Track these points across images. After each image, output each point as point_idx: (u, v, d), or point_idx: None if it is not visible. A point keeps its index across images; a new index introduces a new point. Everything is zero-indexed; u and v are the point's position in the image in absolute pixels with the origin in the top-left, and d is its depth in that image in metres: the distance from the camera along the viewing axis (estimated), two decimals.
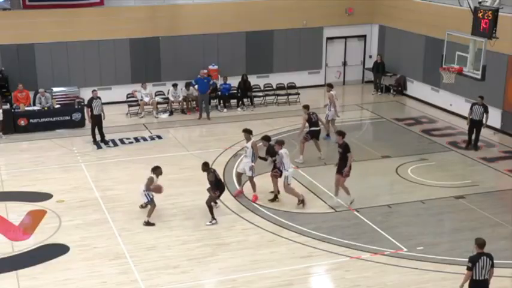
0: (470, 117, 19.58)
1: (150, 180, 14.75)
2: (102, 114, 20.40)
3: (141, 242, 13.99)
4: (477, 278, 10.77)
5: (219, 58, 25.30)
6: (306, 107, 18.81)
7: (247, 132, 16.07)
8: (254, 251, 13.61)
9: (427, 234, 14.39)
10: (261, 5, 25.75)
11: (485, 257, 10.76)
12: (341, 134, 15.64)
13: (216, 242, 13.99)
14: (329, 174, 17.56)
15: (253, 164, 15.89)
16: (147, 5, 24.57)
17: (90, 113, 20.21)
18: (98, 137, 20.39)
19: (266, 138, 16.22)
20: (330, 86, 20.78)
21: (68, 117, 21.96)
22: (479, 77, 16.95)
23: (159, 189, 14.90)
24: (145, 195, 14.90)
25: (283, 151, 15.58)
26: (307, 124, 18.55)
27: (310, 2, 26.14)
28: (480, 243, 10.81)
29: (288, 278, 12.57)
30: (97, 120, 20.26)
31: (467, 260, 10.80)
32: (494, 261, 10.86)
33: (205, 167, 15.02)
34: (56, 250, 13.67)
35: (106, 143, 20.38)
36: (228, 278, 12.61)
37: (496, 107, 21.00)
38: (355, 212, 15.39)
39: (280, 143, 15.68)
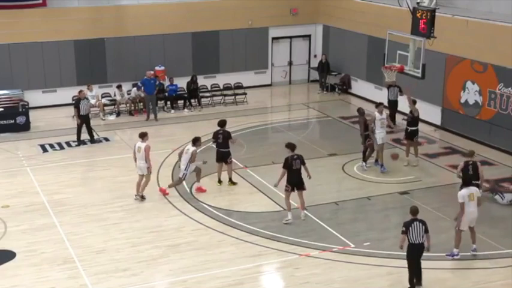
0: (388, 98, 21.55)
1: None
2: (90, 114, 20.70)
3: (90, 246, 13.90)
4: (413, 242, 11.80)
5: (166, 59, 25.24)
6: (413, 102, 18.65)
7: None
8: (204, 252, 13.69)
9: (374, 230, 14.73)
10: (206, 5, 25.77)
11: (417, 222, 11.85)
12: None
13: (166, 244, 14.01)
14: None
15: (185, 171, 16.17)
16: (91, 6, 24.30)
17: (77, 114, 20.27)
18: (82, 137, 20.47)
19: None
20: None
21: (12, 121, 21.59)
22: (419, 75, 17.43)
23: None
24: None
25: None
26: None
27: (255, 2, 26.32)
28: (412, 210, 11.95)
29: (238, 277, 12.70)
30: (85, 121, 20.35)
31: None
32: (439, 254, 11.24)
33: None
34: (1, 256, 13.44)
35: (93, 142, 20.44)
36: (178, 279, 12.66)
37: (436, 104, 21.63)
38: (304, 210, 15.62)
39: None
